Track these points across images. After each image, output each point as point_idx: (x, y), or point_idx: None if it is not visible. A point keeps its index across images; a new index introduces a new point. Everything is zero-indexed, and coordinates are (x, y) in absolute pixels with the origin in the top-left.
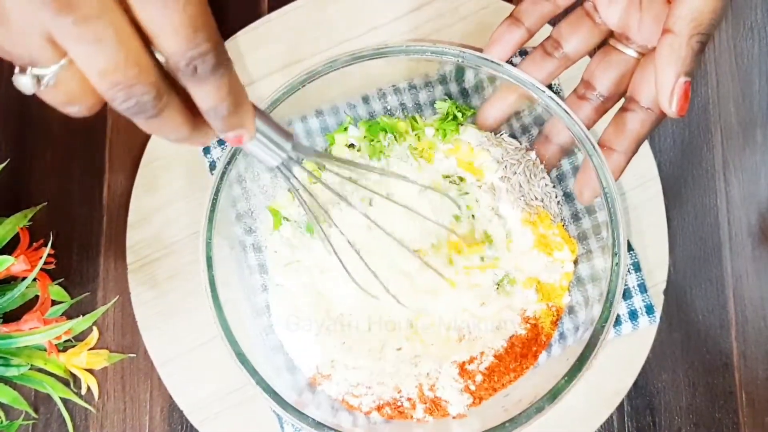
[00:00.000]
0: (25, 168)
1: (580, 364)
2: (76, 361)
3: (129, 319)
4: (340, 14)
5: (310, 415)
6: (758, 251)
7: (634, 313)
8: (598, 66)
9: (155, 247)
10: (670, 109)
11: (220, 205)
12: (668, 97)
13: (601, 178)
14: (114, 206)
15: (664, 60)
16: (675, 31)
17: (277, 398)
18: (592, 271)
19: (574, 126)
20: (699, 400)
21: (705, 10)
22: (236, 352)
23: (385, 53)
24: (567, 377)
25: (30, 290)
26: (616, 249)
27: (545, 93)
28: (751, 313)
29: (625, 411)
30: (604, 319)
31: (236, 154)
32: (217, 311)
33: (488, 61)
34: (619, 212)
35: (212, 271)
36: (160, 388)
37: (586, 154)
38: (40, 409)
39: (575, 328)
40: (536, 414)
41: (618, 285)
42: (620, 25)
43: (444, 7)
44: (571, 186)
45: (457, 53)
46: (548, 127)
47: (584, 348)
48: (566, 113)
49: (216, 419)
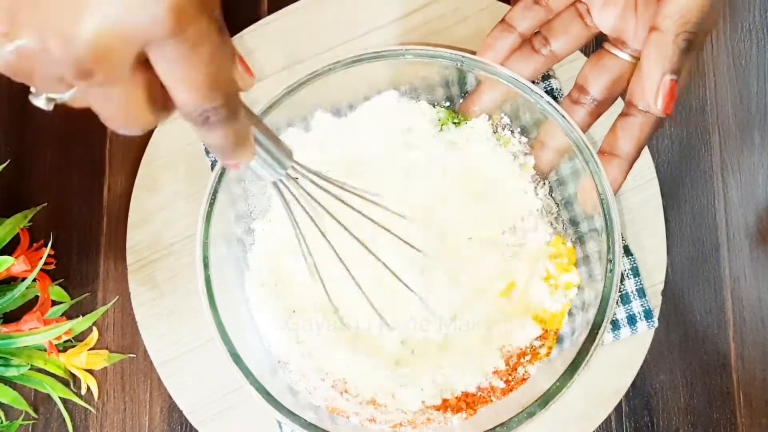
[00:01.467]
0: (26, 169)
1: (572, 370)
2: (75, 361)
3: (129, 319)
4: (339, 15)
5: (302, 416)
6: (756, 252)
7: (632, 318)
8: (591, 70)
9: (155, 248)
10: (656, 108)
11: (218, 205)
12: (654, 95)
13: (597, 184)
14: (114, 207)
15: (651, 58)
16: (661, 28)
17: (270, 399)
18: (590, 275)
19: (572, 132)
20: (697, 400)
21: (692, 7)
22: (231, 352)
23: (385, 56)
24: (559, 383)
25: (30, 291)
26: (611, 256)
27: (543, 98)
28: (749, 314)
29: (623, 411)
30: (597, 325)
31: None
32: (212, 311)
33: (487, 65)
34: (615, 219)
35: (208, 271)
36: (159, 388)
37: (583, 160)
38: (40, 409)
39: (572, 331)
40: (527, 419)
41: (612, 292)
42: (615, 30)
43: (443, 9)
44: (570, 191)
45: (455, 57)
46: (544, 132)
47: (576, 354)
48: (563, 118)
49: (216, 419)
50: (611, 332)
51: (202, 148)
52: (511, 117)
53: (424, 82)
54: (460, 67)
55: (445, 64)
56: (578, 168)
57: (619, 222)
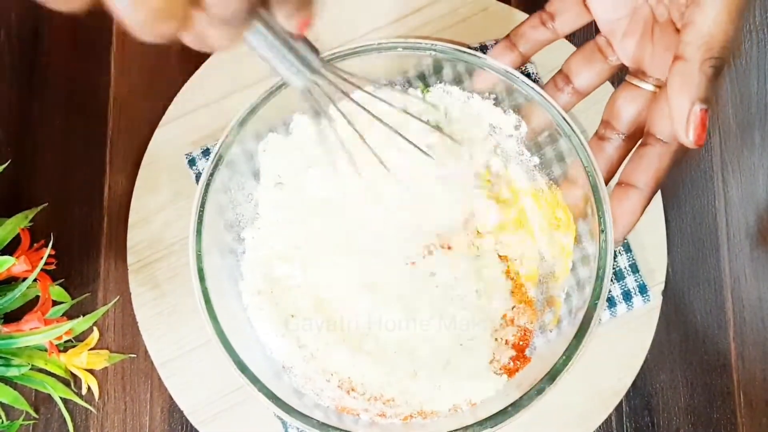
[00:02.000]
0: (26, 169)
1: (577, 342)
2: (76, 361)
3: (129, 319)
4: (339, 17)
5: (313, 417)
6: (756, 252)
7: (627, 294)
8: (615, 104)
9: (156, 248)
10: (688, 140)
11: (207, 215)
12: (684, 126)
13: (581, 157)
14: (115, 207)
15: (676, 88)
16: (686, 57)
17: (280, 403)
18: (582, 254)
19: (551, 109)
20: (697, 400)
21: (715, 32)
22: (235, 360)
23: (358, 52)
24: (565, 357)
25: (31, 291)
26: (603, 226)
27: (525, 81)
28: (749, 314)
29: (624, 411)
30: (596, 296)
31: (219, 165)
32: (212, 322)
33: (466, 53)
34: (602, 188)
35: (205, 284)
36: (160, 388)
37: (564, 134)
38: (41, 409)
39: (569, 311)
40: (537, 396)
41: (607, 261)
42: (635, 60)
43: (443, 10)
44: (556, 173)
45: (428, 46)
46: (572, 171)
47: (579, 326)
48: (553, 107)
49: (216, 419)
50: (607, 309)
51: (185, 160)
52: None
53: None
54: (435, 57)
55: (420, 55)
56: (563, 149)
57: (607, 195)
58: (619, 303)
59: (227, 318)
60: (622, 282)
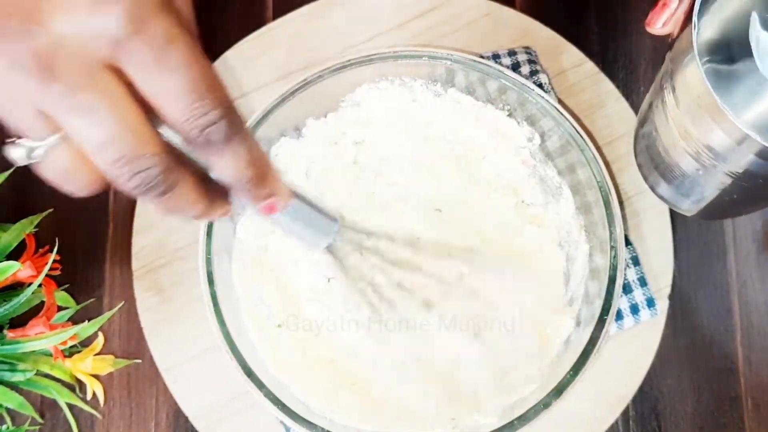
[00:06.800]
0: (31, 174)
1: (584, 357)
2: (81, 366)
3: (134, 324)
4: (343, 21)
5: (319, 424)
6: (763, 256)
7: (635, 307)
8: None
9: (161, 253)
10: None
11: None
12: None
13: (594, 171)
14: (119, 212)
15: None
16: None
17: (285, 409)
18: (592, 267)
19: (569, 126)
20: (704, 405)
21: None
22: (241, 365)
23: (373, 59)
24: (572, 371)
25: (36, 296)
26: (613, 243)
27: (538, 93)
28: (756, 318)
29: (630, 416)
30: (605, 311)
31: None
32: (220, 326)
33: (477, 63)
34: (614, 205)
35: (213, 287)
36: (165, 393)
37: (578, 150)
38: (46, 414)
39: (577, 324)
40: (543, 410)
41: (617, 276)
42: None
43: (446, 15)
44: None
45: (446, 56)
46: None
47: (587, 341)
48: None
49: (221, 425)
50: (615, 322)
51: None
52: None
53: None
54: (450, 66)
55: (434, 63)
56: (574, 161)
57: (619, 211)
58: (626, 316)
59: (234, 322)
60: (630, 295)
